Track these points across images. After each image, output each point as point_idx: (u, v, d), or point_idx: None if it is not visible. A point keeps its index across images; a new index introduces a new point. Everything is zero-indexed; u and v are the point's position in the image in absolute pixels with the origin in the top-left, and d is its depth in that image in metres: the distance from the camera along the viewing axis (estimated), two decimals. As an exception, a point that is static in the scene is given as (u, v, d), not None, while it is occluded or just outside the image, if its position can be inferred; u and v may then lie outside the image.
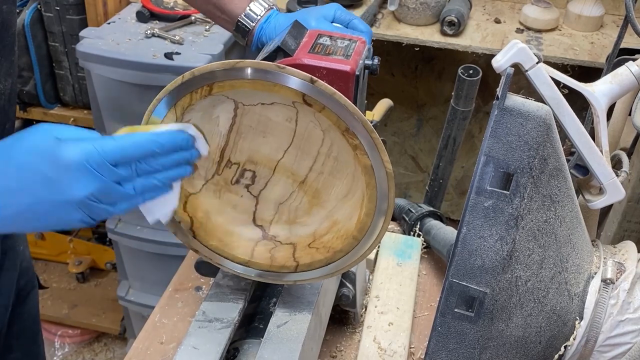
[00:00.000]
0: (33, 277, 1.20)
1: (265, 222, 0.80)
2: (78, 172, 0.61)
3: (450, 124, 1.20)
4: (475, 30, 1.79)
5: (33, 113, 2.01)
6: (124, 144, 0.64)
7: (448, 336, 0.69)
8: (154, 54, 1.63)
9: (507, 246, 0.66)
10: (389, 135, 2.29)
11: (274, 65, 0.66)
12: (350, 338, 1.02)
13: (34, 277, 1.21)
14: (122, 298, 1.99)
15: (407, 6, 1.75)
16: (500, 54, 0.72)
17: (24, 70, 1.91)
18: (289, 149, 0.74)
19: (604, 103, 0.77)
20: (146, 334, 1.00)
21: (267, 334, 0.78)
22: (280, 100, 0.70)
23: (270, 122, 0.72)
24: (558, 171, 0.70)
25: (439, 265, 1.17)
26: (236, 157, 0.76)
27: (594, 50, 1.71)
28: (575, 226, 0.73)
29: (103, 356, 2.33)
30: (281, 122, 0.72)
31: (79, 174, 0.61)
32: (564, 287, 0.72)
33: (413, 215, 1.22)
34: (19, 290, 1.12)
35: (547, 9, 1.79)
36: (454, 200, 2.37)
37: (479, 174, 0.67)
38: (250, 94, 0.69)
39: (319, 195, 0.76)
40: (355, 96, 0.78)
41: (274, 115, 0.72)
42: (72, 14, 1.82)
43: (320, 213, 0.77)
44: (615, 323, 0.73)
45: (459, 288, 0.68)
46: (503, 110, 0.67)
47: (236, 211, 0.79)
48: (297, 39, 0.81)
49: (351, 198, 0.74)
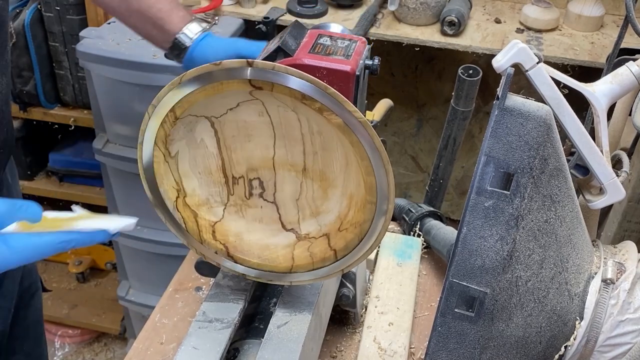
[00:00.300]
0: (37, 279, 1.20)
1: (294, 224, 0.79)
2: None
3: (450, 124, 1.20)
4: (475, 30, 1.79)
5: (33, 113, 2.01)
6: (31, 256, 0.61)
7: (448, 336, 0.69)
8: (154, 54, 1.63)
9: (507, 246, 0.66)
10: (389, 135, 2.30)
11: (210, 65, 0.67)
12: (351, 338, 1.02)
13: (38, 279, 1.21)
14: (122, 298, 1.99)
15: (407, 6, 1.75)
16: (501, 54, 0.72)
17: (24, 70, 1.91)
18: (276, 143, 0.74)
19: (604, 103, 0.77)
20: (146, 334, 1.00)
21: (267, 334, 0.78)
22: (240, 97, 0.70)
23: (247, 124, 0.73)
24: (558, 171, 0.70)
25: (439, 265, 1.17)
26: (237, 171, 0.76)
27: (594, 50, 1.71)
28: (576, 226, 0.73)
29: (103, 356, 2.33)
30: (256, 119, 0.72)
31: None
32: (564, 287, 0.72)
33: (413, 215, 1.22)
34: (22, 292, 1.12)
35: (547, 9, 1.79)
36: (454, 200, 2.37)
37: (479, 174, 0.67)
38: (210, 103, 0.70)
39: (325, 176, 0.75)
40: (356, 96, 0.78)
41: (247, 116, 0.72)
42: (72, 14, 1.82)
43: (335, 194, 0.76)
44: (615, 323, 0.73)
45: (459, 288, 0.68)
46: (503, 110, 0.67)
47: (264, 224, 0.79)
48: (297, 39, 0.81)
49: (352, 165, 0.73)
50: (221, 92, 0.68)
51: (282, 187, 0.77)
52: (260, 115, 0.72)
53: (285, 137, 0.73)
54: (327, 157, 0.74)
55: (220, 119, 0.72)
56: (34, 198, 2.28)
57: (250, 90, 0.68)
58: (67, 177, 2.17)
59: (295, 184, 0.76)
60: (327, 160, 0.74)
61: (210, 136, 0.74)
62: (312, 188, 0.76)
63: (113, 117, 1.76)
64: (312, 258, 0.78)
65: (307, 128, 0.72)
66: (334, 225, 0.77)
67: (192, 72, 0.67)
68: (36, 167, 2.19)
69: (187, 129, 0.72)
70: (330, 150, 0.73)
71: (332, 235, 0.77)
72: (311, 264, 0.79)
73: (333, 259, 0.78)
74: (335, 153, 0.73)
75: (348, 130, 0.68)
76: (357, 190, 0.74)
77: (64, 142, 2.20)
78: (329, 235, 0.77)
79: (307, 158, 0.74)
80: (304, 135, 0.72)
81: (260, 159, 0.75)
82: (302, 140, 0.73)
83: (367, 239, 0.75)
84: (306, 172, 0.75)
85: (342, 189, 0.75)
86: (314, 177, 0.75)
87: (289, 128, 0.72)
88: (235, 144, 0.74)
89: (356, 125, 0.67)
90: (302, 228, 0.79)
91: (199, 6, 1.84)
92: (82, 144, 2.15)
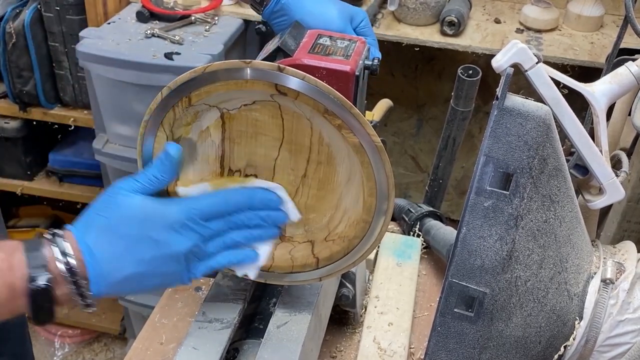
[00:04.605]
0: None
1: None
2: (180, 229, 0.68)
3: (450, 124, 1.20)
4: (475, 30, 1.79)
5: (33, 113, 2.01)
6: (216, 201, 0.71)
7: (448, 336, 0.69)
8: (154, 54, 1.63)
9: (506, 246, 0.66)
10: (389, 135, 2.29)
11: (239, 62, 0.66)
12: (350, 338, 1.02)
13: None
14: (122, 298, 1.99)
15: (407, 6, 1.75)
16: (500, 54, 0.72)
17: (24, 70, 1.91)
18: (283, 145, 0.74)
19: (604, 103, 0.77)
20: (146, 334, 1.00)
21: (267, 334, 0.78)
22: (259, 96, 0.70)
23: (258, 123, 0.73)
24: (558, 171, 0.70)
25: (439, 265, 1.17)
26: (235, 164, 0.76)
27: (594, 50, 1.71)
28: (575, 226, 0.73)
29: (103, 356, 2.33)
30: (267, 120, 0.72)
31: (181, 230, 0.68)
32: (563, 287, 0.72)
33: (413, 215, 1.22)
34: None
35: (547, 9, 1.79)
36: (454, 200, 2.37)
37: (478, 174, 0.67)
38: (227, 96, 0.70)
39: (323, 186, 0.75)
40: (355, 96, 0.78)
41: (259, 115, 0.72)
42: (72, 14, 1.82)
43: (329, 205, 0.76)
44: (615, 323, 0.73)
45: (459, 288, 0.68)
46: (503, 110, 0.67)
47: None
48: (297, 39, 0.81)
49: (353, 182, 0.73)
50: (243, 89, 0.68)
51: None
52: (274, 117, 0.72)
53: (293, 143, 0.73)
54: (330, 169, 0.74)
55: (232, 112, 0.72)
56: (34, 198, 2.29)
57: (272, 94, 0.68)
58: (67, 177, 2.17)
59: (291, 187, 0.76)
60: (330, 172, 0.74)
61: (217, 126, 0.73)
62: (307, 194, 0.76)
63: (113, 117, 1.76)
64: (292, 262, 0.78)
65: (318, 138, 0.72)
66: (320, 234, 0.77)
67: (218, 65, 0.67)
68: (36, 167, 2.19)
69: (196, 115, 0.72)
70: (335, 164, 0.73)
71: (317, 244, 0.77)
72: (290, 267, 0.79)
73: (314, 266, 0.78)
74: (339, 167, 0.73)
75: (362, 151, 0.69)
76: (353, 207, 0.74)
77: (64, 142, 2.20)
78: (314, 243, 0.78)
79: (309, 166, 0.74)
80: (312, 144, 0.73)
81: (262, 157, 0.75)
82: (310, 148, 0.73)
83: (366, 239, 0.75)
84: (305, 179, 0.75)
85: (337, 202, 0.76)
86: (312, 185, 0.76)
87: (300, 134, 0.73)
88: (241, 138, 0.74)
89: (371, 147, 0.69)
90: (287, 230, 0.79)
91: (198, 6, 1.84)
92: (82, 144, 2.15)
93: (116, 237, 0.66)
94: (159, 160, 0.71)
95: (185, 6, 1.82)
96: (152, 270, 0.67)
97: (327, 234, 0.77)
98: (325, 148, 0.73)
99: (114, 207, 0.68)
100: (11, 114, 2.02)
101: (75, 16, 1.82)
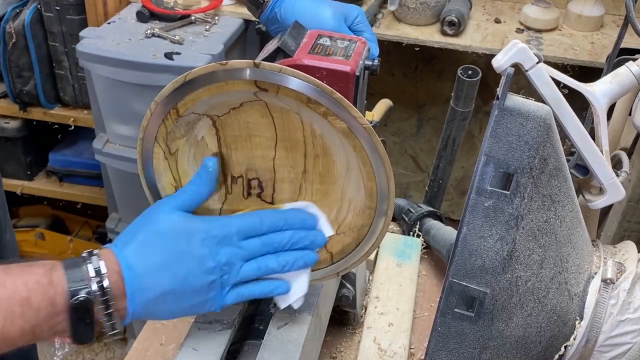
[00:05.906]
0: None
1: None
2: (216, 245, 0.69)
3: (449, 124, 1.20)
4: (475, 30, 1.79)
5: (33, 113, 2.01)
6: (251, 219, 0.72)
7: (448, 336, 0.69)
8: (154, 54, 1.63)
9: (507, 246, 0.66)
10: (389, 135, 2.30)
11: (216, 64, 0.66)
12: (350, 339, 1.02)
13: None
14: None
15: (407, 6, 1.75)
16: (500, 54, 0.72)
17: (24, 70, 1.91)
18: (278, 144, 0.74)
19: (604, 103, 0.77)
20: (146, 334, 1.00)
21: (267, 335, 0.78)
22: (244, 97, 0.70)
23: (249, 125, 0.73)
24: (558, 171, 0.69)
25: (439, 266, 1.17)
26: (236, 170, 0.76)
27: (594, 50, 1.71)
28: (576, 226, 0.73)
29: (103, 356, 2.33)
30: (258, 120, 0.72)
31: (217, 247, 0.68)
32: (564, 287, 0.72)
33: (413, 216, 1.21)
34: None
35: (547, 9, 1.79)
36: (454, 200, 2.37)
37: (479, 174, 0.67)
38: (213, 102, 0.70)
39: (324, 179, 0.75)
40: (355, 97, 0.78)
41: (249, 116, 0.72)
42: (72, 14, 1.82)
43: (334, 198, 0.76)
44: (615, 323, 0.73)
45: (459, 288, 0.68)
46: (503, 110, 0.67)
47: None
48: (297, 39, 0.81)
49: (352, 171, 0.73)
50: (225, 92, 0.68)
51: (280, 189, 0.77)
52: (263, 116, 0.72)
53: (287, 139, 0.73)
54: (328, 161, 0.74)
55: (222, 118, 0.72)
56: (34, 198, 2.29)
57: (255, 92, 0.68)
58: (67, 177, 2.17)
59: (295, 185, 0.76)
60: (328, 164, 0.74)
61: (211, 134, 0.73)
62: (311, 191, 0.76)
63: (113, 117, 1.77)
64: None
65: (310, 131, 0.72)
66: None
67: (196, 71, 0.67)
68: (36, 167, 2.20)
69: (189, 126, 0.72)
70: (332, 155, 0.73)
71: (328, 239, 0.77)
72: None
73: (329, 261, 0.78)
74: (337, 157, 0.73)
75: (352, 135, 0.68)
76: (356, 195, 0.74)
77: (64, 142, 2.20)
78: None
79: (307, 161, 0.74)
80: (305, 138, 0.72)
81: (260, 159, 0.75)
82: (304, 142, 0.73)
83: (367, 239, 0.75)
84: (306, 175, 0.75)
85: (342, 193, 0.75)
86: (314, 180, 0.75)
87: (292, 130, 0.72)
88: (236, 143, 0.74)
89: (360, 130, 0.68)
90: None
91: (198, 6, 1.84)
92: (82, 143, 2.15)
93: (154, 252, 0.67)
94: (197, 175, 0.72)
95: (185, 6, 1.82)
96: (186, 288, 0.67)
97: (338, 227, 0.77)
98: (319, 140, 0.72)
99: (152, 223, 0.68)
100: (11, 113, 2.02)
101: (75, 16, 1.83)
